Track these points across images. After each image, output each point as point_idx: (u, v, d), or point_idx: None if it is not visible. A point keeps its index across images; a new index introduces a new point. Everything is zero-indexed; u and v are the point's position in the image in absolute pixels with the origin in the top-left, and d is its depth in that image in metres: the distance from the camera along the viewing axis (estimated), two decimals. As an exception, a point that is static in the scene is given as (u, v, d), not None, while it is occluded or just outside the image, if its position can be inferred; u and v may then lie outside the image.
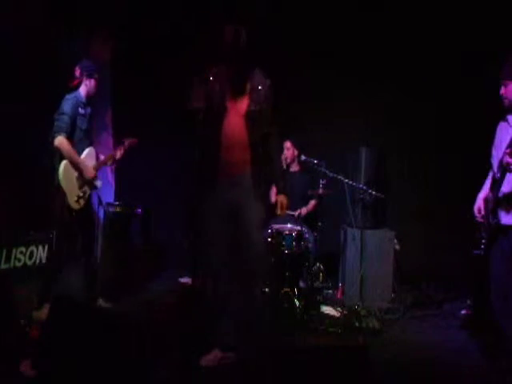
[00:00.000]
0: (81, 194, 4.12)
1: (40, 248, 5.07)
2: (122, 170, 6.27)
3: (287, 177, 5.30)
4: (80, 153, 4.12)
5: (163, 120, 5.92)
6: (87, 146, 4.22)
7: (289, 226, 4.73)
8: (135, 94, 5.93)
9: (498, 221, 3.28)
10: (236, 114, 3.32)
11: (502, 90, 3.31)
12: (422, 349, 3.84)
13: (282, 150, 4.94)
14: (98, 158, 4.37)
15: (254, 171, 3.31)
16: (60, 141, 3.96)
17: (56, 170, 4.02)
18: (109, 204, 5.86)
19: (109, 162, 4.44)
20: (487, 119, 3.60)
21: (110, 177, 6.46)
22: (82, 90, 4.21)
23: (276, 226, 4.71)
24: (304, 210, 5.12)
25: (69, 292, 4.40)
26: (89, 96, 4.25)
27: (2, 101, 4.64)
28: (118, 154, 4.39)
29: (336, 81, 5.74)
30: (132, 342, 2.58)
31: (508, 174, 3.15)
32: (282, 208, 3.43)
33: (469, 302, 4.59)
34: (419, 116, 5.44)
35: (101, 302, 4.34)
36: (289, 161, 5.27)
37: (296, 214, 5.01)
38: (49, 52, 5.34)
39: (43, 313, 3.69)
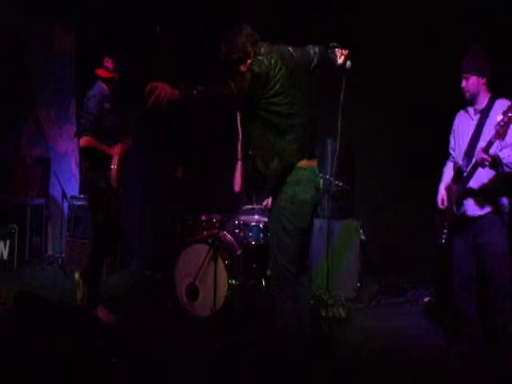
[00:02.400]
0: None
1: (1, 243, 4.97)
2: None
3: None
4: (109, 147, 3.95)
5: (128, 112, 5.83)
6: (115, 141, 4.03)
7: (256, 217, 4.74)
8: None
9: (465, 212, 3.35)
10: None
11: (464, 83, 3.37)
12: (388, 336, 3.91)
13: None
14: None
15: None
16: (85, 140, 3.80)
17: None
18: (73, 197, 5.77)
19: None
20: (449, 111, 3.67)
21: (75, 170, 6.35)
22: (108, 86, 3.96)
23: (243, 218, 4.72)
24: (270, 201, 5.13)
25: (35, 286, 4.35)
26: (115, 92, 4.04)
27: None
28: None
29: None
30: (95, 338, 2.55)
31: (478, 168, 3.22)
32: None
33: (432, 289, 4.71)
34: (383, 108, 5.51)
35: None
36: None
37: (263, 205, 5.02)
38: (9, 40, 5.20)
39: None
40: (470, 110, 3.45)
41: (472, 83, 3.34)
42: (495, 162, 3.11)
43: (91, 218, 4.11)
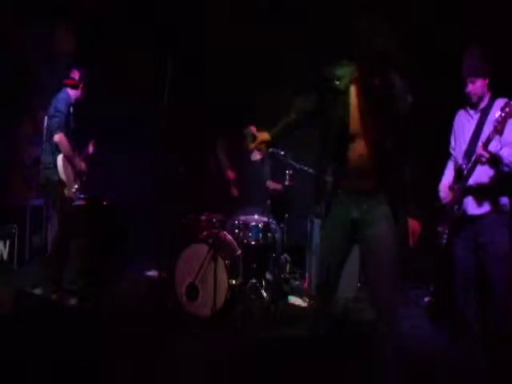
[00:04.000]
0: (76, 187, 4.38)
1: (1, 243, 4.96)
2: (86, 162, 6.16)
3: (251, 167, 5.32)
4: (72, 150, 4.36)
5: (127, 113, 5.85)
6: (75, 145, 4.44)
7: (255, 217, 4.74)
8: (100, 86, 5.82)
9: (465, 211, 3.35)
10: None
11: (470, 87, 3.34)
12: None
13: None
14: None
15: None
16: (60, 137, 4.19)
17: (50, 164, 4.26)
18: (73, 197, 5.76)
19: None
20: (449, 111, 3.67)
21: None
22: (73, 93, 4.39)
23: (243, 218, 4.72)
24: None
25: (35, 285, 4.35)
26: (76, 100, 4.44)
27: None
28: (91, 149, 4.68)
29: (303, 73, 5.75)
30: (93, 337, 2.55)
31: (478, 167, 3.22)
32: (413, 237, 2.73)
33: (432, 289, 4.70)
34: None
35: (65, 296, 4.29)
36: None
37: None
38: (10, 39, 5.20)
39: None
40: (470, 109, 3.45)
41: (479, 86, 3.33)
42: (494, 160, 3.11)
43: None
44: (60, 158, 4.22)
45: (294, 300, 4.61)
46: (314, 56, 5.69)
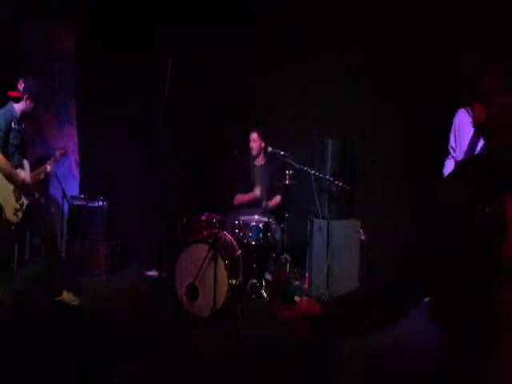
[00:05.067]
0: (18, 207, 4.12)
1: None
2: (87, 162, 6.17)
3: (255, 170, 5.32)
4: (16, 167, 4.12)
5: (128, 113, 5.85)
6: (21, 160, 4.22)
7: (256, 217, 4.75)
8: (100, 87, 5.83)
9: None
10: None
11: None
12: (388, 336, 3.89)
13: None
14: (32, 168, 4.36)
15: None
16: None
17: None
18: (73, 197, 5.76)
19: (41, 175, 4.41)
20: (449, 111, 3.67)
21: (75, 170, 6.35)
22: (18, 107, 4.11)
23: (243, 218, 4.72)
24: (270, 203, 5.16)
25: (33, 287, 4.34)
26: (25, 114, 4.18)
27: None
28: (49, 167, 4.42)
29: (303, 74, 5.77)
30: (94, 337, 2.55)
31: None
32: None
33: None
34: (383, 108, 5.51)
35: (65, 295, 4.28)
36: (255, 153, 5.27)
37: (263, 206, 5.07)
38: (9, 40, 5.20)
39: None
40: (470, 109, 3.45)
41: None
42: None
43: None
44: None
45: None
46: (314, 56, 5.72)
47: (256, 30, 5.69)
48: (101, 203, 5.61)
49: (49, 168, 4.39)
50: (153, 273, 5.38)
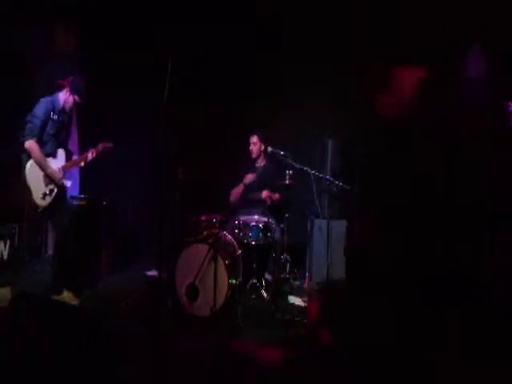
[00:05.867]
0: (47, 192, 4.25)
1: (1, 243, 4.96)
2: (87, 163, 6.16)
3: (255, 171, 5.32)
4: (49, 154, 4.26)
5: (128, 113, 5.85)
6: (55, 149, 4.32)
7: (256, 217, 4.75)
8: (100, 86, 5.82)
9: None
10: None
11: None
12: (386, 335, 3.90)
13: None
14: (69, 158, 4.47)
15: None
16: (30, 144, 4.13)
17: (23, 168, 4.19)
18: (73, 197, 5.76)
19: (82, 163, 4.51)
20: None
21: (75, 170, 6.35)
22: (61, 97, 4.29)
23: (243, 218, 4.72)
24: (273, 196, 5.14)
25: (35, 285, 4.36)
26: (65, 107, 4.32)
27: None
28: (90, 156, 4.48)
29: (302, 74, 5.78)
30: (96, 337, 2.55)
31: None
32: None
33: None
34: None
35: (65, 295, 4.30)
36: (255, 156, 5.28)
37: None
38: (9, 40, 5.20)
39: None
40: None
41: None
42: None
43: None
44: (30, 162, 4.17)
45: (294, 300, 4.61)
46: (314, 56, 5.72)
47: (256, 30, 5.69)
48: (101, 203, 5.61)
49: (90, 156, 4.46)
50: (153, 273, 5.39)
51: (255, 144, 5.22)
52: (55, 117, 4.24)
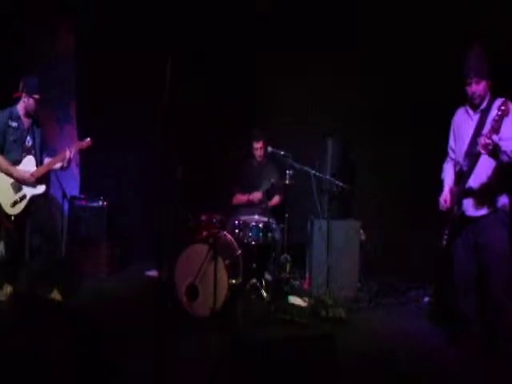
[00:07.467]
0: (17, 199, 4.21)
1: (1, 243, 4.95)
2: (87, 163, 6.16)
3: (256, 171, 5.32)
4: (15, 162, 4.22)
5: (128, 113, 5.85)
6: (21, 155, 4.27)
7: (256, 217, 4.75)
8: (100, 86, 5.82)
9: (463, 212, 3.35)
10: None
11: (474, 88, 3.29)
12: (388, 336, 3.91)
13: None
14: (41, 163, 4.38)
15: None
16: None
17: None
18: (73, 197, 5.77)
19: (61, 163, 4.34)
20: (449, 111, 3.67)
21: (75, 170, 6.35)
22: (20, 106, 4.28)
23: (243, 218, 4.72)
24: (270, 203, 5.17)
25: (28, 284, 4.36)
26: (28, 112, 4.29)
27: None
28: (68, 153, 4.32)
29: (302, 74, 5.77)
30: (92, 338, 2.55)
31: (476, 167, 3.21)
32: None
33: (432, 289, 4.71)
34: (383, 108, 5.51)
35: (54, 293, 4.30)
36: (261, 159, 5.30)
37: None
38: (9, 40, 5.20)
39: None
40: (470, 109, 3.44)
41: (483, 87, 3.30)
42: (495, 150, 3.08)
43: None
44: None
45: (294, 300, 4.61)
46: (314, 56, 5.72)
47: (256, 29, 5.69)
48: (101, 203, 5.61)
49: (68, 153, 4.31)
50: (153, 273, 5.38)
51: (262, 148, 5.24)
52: (14, 124, 4.22)
